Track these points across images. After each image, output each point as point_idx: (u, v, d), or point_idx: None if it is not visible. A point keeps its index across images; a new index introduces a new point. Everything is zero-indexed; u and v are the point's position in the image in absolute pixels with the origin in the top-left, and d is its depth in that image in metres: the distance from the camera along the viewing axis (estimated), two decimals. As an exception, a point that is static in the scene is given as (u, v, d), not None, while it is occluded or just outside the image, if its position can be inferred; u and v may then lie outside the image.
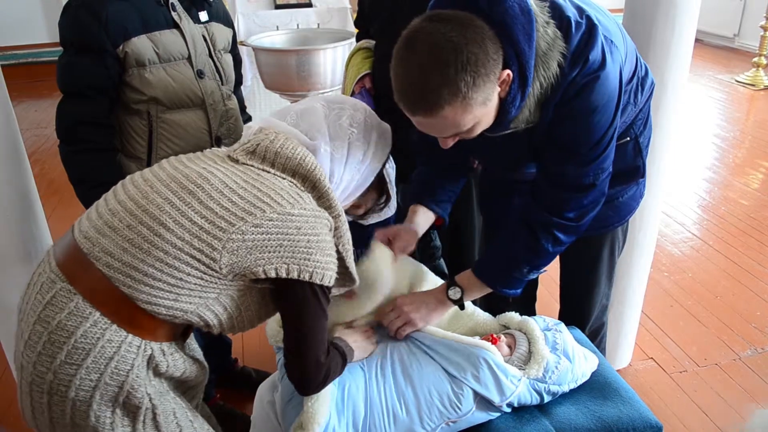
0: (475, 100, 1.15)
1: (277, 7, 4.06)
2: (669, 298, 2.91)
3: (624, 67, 1.38)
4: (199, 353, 1.30)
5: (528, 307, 2.07)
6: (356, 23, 2.37)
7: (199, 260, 1.07)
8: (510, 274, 1.49)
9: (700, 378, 2.41)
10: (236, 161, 1.20)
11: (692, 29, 1.93)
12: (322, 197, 1.21)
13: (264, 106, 4.26)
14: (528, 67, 1.20)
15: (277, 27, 3.91)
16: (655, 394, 2.33)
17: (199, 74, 1.77)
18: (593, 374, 1.56)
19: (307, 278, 1.14)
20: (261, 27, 3.90)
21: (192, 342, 1.30)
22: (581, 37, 1.23)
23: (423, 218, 1.65)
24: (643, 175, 1.69)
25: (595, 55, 1.23)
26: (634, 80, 1.51)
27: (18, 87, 5.46)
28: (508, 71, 1.18)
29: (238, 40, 3.52)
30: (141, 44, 1.64)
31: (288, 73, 3.28)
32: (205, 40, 1.80)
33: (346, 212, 1.73)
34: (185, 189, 1.11)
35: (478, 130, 1.26)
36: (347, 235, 1.27)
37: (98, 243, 1.08)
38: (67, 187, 1.72)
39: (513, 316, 1.63)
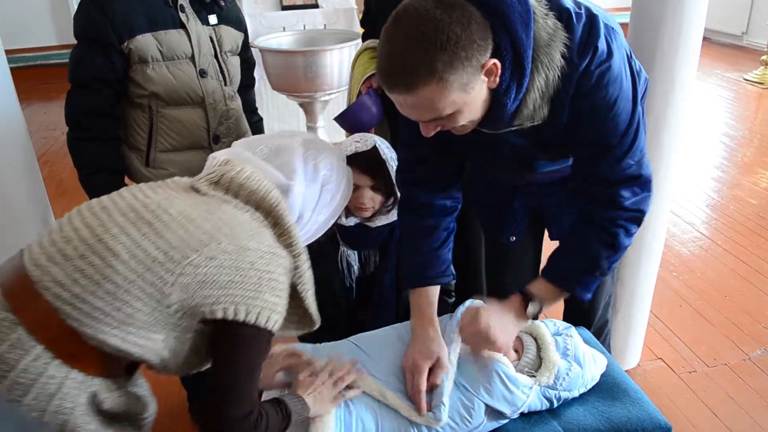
0: (452, 83, 1.11)
1: (284, 8, 4.06)
2: (678, 298, 2.90)
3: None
4: (144, 389, 1.21)
5: None
6: (362, 23, 2.37)
7: (149, 294, 1.03)
8: (589, 273, 1.44)
9: (709, 378, 2.40)
10: (198, 191, 1.16)
11: (700, 27, 1.92)
12: (283, 234, 1.17)
13: (271, 107, 4.27)
14: (525, 57, 1.17)
15: (284, 28, 3.92)
16: (664, 394, 2.32)
17: (202, 73, 1.82)
18: (602, 375, 1.55)
19: (252, 320, 1.06)
20: (268, 28, 3.90)
21: (139, 377, 1.21)
22: (583, 27, 1.21)
23: (435, 307, 1.54)
24: None
25: (602, 43, 1.21)
26: None
27: (27, 89, 5.48)
28: (495, 60, 1.14)
29: (245, 41, 3.53)
30: (145, 42, 1.71)
31: (295, 74, 3.29)
32: (212, 41, 1.84)
33: (354, 214, 1.74)
34: (142, 219, 1.07)
35: (461, 121, 1.21)
36: (308, 275, 1.23)
37: (48, 272, 1.02)
38: (76, 188, 1.75)
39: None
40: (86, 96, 1.72)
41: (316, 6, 4.12)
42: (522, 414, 1.45)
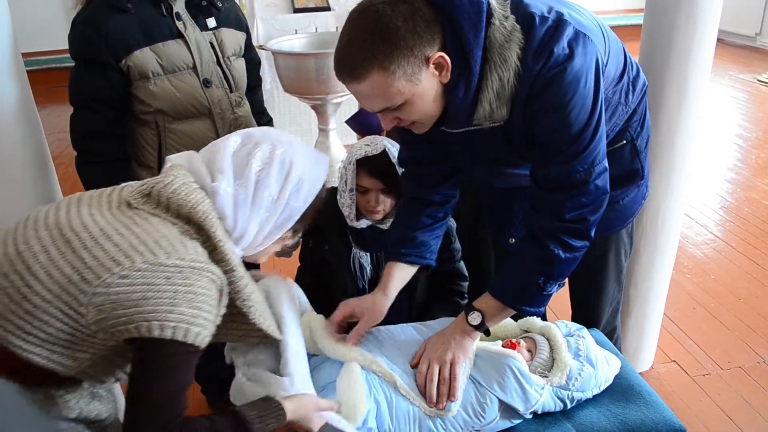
0: (393, 71, 1.17)
1: (296, 11, 4.08)
2: (691, 301, 2.88)
3: (607, 63, 1.36)
4: (105, 390, 1.21)
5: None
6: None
7: (67, 314, 1.01)
8: (527, 289, 1.42)
9: (723, 381, 2.38)
10: (130, 206, 1.11)
11: (714, 29, 1.92)
12: (214, 250, 1.11)
13: (283, 109, 4.29)
14: (472, 56, 1.20)
15: (296, 31, 3.94)
16: (678, 397, 2.31)
17: (206, 83, 1.76)
18: (615, 377, 1.55)
19: (168, 335, 1.00)
20: (280, 31, 3.92)
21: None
22: (546, 30, 1.22)
23: (398, 282, 1.58)
24: (642, 177, 1.66)
25: (560, 48, 1.21)
26: (624, 80, 1.49)
27: (40, 92, 5.50)
28: (441, 54, 1.19)
29: (258, 44, 3.55)
30: (143, 57, 1.66)
31: (307, 77, 3.30)
32: (213, 47, 1.79)
33: (364, 216, 1.73)
34: (63, 237, 1.04)
35: (414, 113, 1.26)
36: (247, 290, 1.17)
37: None
38: (88, 190, 1.76)
39: (535, 321, 1.62)
40: (87, 118, 1.69)
41: (327, 9, 4.14)
42: (535, 415, 1.46)
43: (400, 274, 1.60)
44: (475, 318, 1.45)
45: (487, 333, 1.49)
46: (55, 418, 1.11)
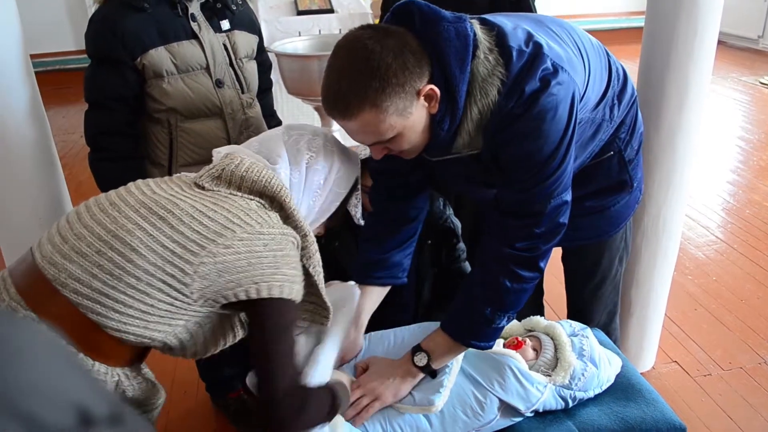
0: (387, 108, 1.16)
1: (299, 13, 4.10)
2: (693, 302, 2.89)
3: (586, 91, 1.36)
4: (151, 375, 1.27)
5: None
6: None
7: (171, 285, 1.07)
8: (475, 321, 1.38)
9: (724, 382, 2.39)
10: (202, 188, 1.18)
11: (715, 31, 1.93)
12: (289, 217, 1.21)
13: (286, 111, 4.30)
14: (458, 91, 1.20)
15: (299, 33, 3.95)
16: (679, 397, 2.32)
17: (218, 84, 1.78)
18: (617, 376, 1.56)
19: (276, 294, 1.12)
20: (283, 33, 3.94)
21: (144, 366, 1.26)
22: (521, 67, 1.21)
23: (369, 312, 1.57)
24: (631, 187, 1.65)
25: (531, 86, 1.21)
26: (608, 97, 1.48)
27: (46, 94, 5.53)
28: (431, 86, 1.19)
29: (262, 46, 3.56)
30: (158, 56, 1.68)
31: (310, 79, 3.31)
32: (226, 49, 1.81)
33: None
34: (155, 214, 1.09)
35: (405, 144, 1.26)
36: (316, 257, 1.27)
37: (65, 269, 1.05)
38: (94, 191, 1.77)
39: (539, 320, 1.63)
40: (102, 115, 1.71)
41: (331, 11, 4.15)
42: (537, 413, 1.47)
43: (371, 301, 1.58)
44: (421, 359, 1.42)
45: (432, 375, 1.43)
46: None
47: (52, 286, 1.05)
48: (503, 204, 1.35)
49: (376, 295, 1.60)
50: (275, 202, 1.20)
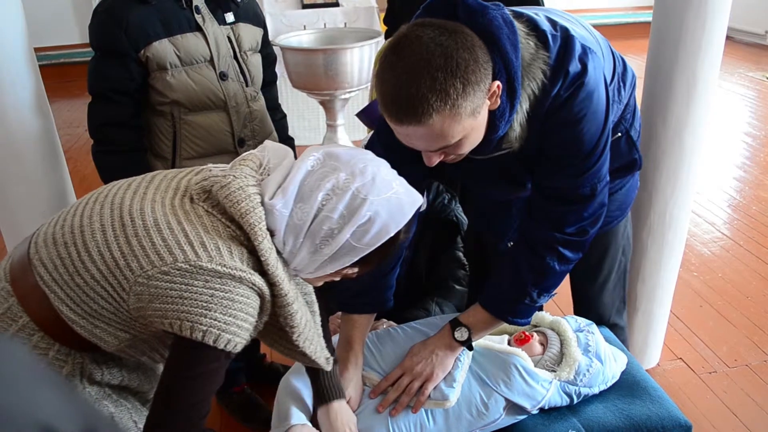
0: (465, 109, 1.09)
1: (305, 6, 4.09)
2: (698, 299, 2.88)
3: (606, 71, 1.36)
4: (151, 363, 1.24)
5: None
6: (385, 21, 2.37)
7: (112, 296, 1.05)
8: (520, 301, 1.41)
9: (730, 379, 2.38)
10: (191, 199, 1.09)
11: (723, 26, 1.91)
12: (260, 261, 1.06)
13: (291, 105, 4.30)
14: (516, 77, 1.16)
15: (305, 26, 3.94)
16: (684, 394, 2.31)
17: (222, 76, 1.78)
18: (622, 373, 1.56)
19: (198, 338, 1.00)
20: (288, 26, 3.93)
21: (141, 354, 1.21)
22: (558, 50, 1.20)
23: (360, 348, 1.51)
24: (640, 166, 1.67)
25: (574, 66, 1.20)
26: (615, 79, 1.49)
27: (51, 87, 5.53)
28: (497, 82, 1.14)
29: (267, 39, 3.55)
30: (162, 48, 1.67)
31: (315, 72, 3.31)
32: (230, 41, 1.80)
33: None
34: (121, 220, 1.05)
35: (467, 147, 1.19)
36: (290, 309, 1.10)
37: (40, 251, 1.08)
38: (98, 184, 1.77)
39: (544, 316, 1.63)
40: (106, 107, 1.70)
41: (336, 4, 4.15)
42: (541, 410, 1.46)
43: (360, 334, 1.52)
44: (462, 334, 1.43)
45: (470, 348, 1.46)
46: (71, 377, 1.14)
47: (28, 264, 1.08)
48: (551, 191, 1.35)
49: (366, 321, 1.54)
50: (248, 239, 1.06)
